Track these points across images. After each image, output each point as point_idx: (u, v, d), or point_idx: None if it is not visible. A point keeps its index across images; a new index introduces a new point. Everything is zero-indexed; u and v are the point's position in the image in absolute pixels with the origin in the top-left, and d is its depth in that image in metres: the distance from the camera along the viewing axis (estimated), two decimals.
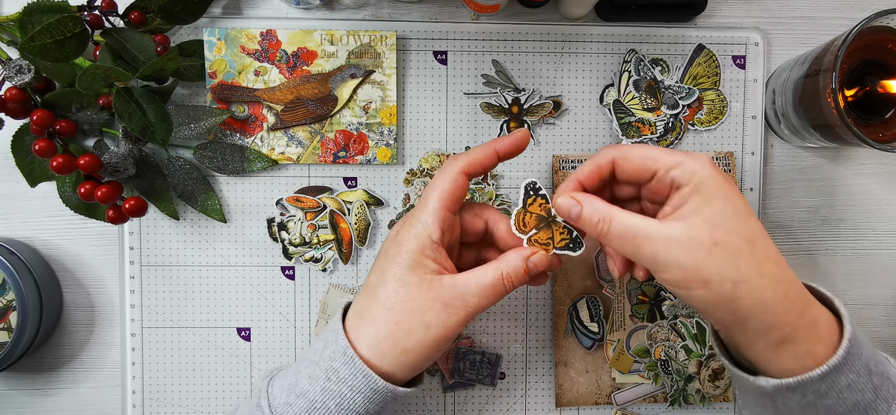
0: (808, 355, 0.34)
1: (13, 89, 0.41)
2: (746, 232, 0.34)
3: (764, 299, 0.33)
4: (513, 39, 0.50)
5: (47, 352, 0.50)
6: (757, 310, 0.34)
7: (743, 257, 0.33)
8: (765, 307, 0.33)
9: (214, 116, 0.47)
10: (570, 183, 0.39)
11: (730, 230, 0.33)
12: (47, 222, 0.50)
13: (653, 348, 0.50)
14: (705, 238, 0.33)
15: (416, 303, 0.36)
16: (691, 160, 0.35)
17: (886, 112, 0.44)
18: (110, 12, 0.44)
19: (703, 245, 0.33)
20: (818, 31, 0.51)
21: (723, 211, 0.34)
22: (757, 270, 0.33)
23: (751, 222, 0.34)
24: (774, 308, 0.33)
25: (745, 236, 0.34)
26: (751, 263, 0.33)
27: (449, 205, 0.38)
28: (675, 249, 0.33)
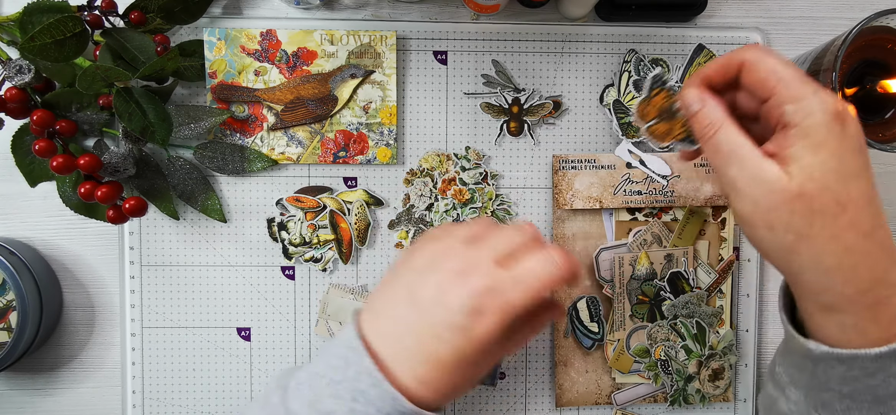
0: (855, 330, 0.32)
1: (13, 89, 0.41)
2: (841, 194, 0.31)
3: (823, 263, 0.32)
4: (513, 39, 0.50)
5: (47, 352, 0.51)
6: (812, 270, 0.33)
7: (822, 217, 0.31)
8: (822, 270, 0.32)
9: (214, 115, 0.47)
10: (698, 78, 0.37)
11: (823, 186, 0.31)
12: (47, 222, 0.50)
13: (653, 348, 0.50)
14: (793, 186, 0.32)
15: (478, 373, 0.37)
16: (814, 99, 0.31)
17: (886, 112, 0.44)
18: (110, 12, 0.44)
19: (786, 191, 0.32)
20: (818, 31, 0.51)
21: (824, 165, 0.31)
22: (830, 234, 0.32)
23: (852, 186, 0.32)
24: (832, 275, 0.32)
25: (837, 198, 0.31)
26: (827, 224, 0.32)
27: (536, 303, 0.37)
28: (758, 185, 0.32)
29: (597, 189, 0.49)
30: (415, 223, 0.50)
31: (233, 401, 0.50)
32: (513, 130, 0.50)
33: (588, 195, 0.49)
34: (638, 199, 0.49)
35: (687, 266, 0.49)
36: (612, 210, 0.50)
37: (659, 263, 0.49)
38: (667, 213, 0.50)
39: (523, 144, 0.50)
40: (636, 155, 0.49)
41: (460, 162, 0.50)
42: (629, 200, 0.49)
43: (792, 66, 0.33)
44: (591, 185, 0.49)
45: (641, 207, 0.49)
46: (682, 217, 0.50)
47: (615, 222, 0.50)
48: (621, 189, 0.49)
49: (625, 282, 0.49)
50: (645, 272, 0.49)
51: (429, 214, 0.49)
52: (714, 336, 0.50)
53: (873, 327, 0.32)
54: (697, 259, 0.50)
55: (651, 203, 0.49)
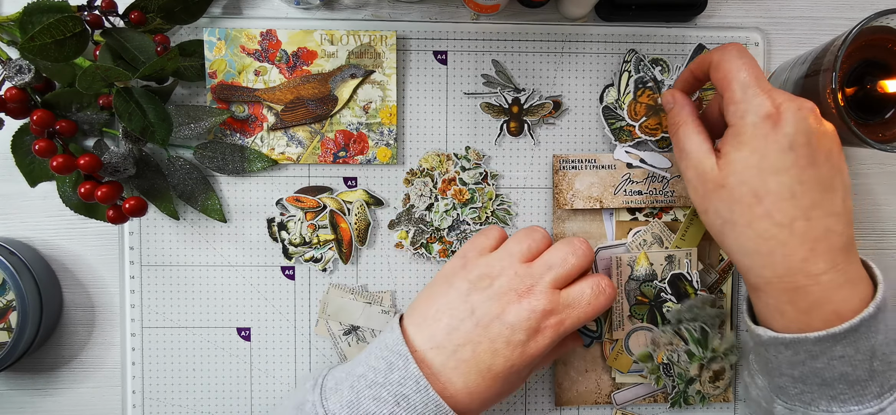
0: (776, 310, 0.37)
1: (13, 89, 0.41)
2: (758, 187, 0.35)
3: (743, 246, 0.37)
4: (513, 39, 0.50)
5: (47, 352, 0.50)
6: (737, 252, 0.38)
7: (740, 206, 0.36)
8: (743, 252, 0.37)
9: (214, 115, 0.47)
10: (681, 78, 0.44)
11: (741, 179, 0.36)
12: (47, 222, 0.50)
13: (656, 353, 0.50)
14: (719, 178, 0.37)
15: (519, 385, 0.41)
16: (752, 102, 0.36)
17: (886, 112, 0.44)
18: (110, 12, 0.44)
19: (714, 182, 0.37)
20: (818, 31, 0.51)
21: (745, 160, 0.36)
22: (746, 221, 0.36)
23: (772, 180, 0.35)
24: (751, 257, 0.37)
25: (753, 190, 0.35)
26: (744, 212, 0.36)
27: None
28: (698, 176, 0.38)
29: (597, 189, 0.49)
30: (415, 223, 0.50)
31: (233, 401, 0.50)
32: (513, 130, 0.50)
33: (588, 195, 0.49)
34: (638, 199, 0.49)
35: (690, 268, 0.49)
36: (613, 210, 0.50)
37: (659, 264, 0.49)
38: (667, 213, 0.50)
39: (523, 144, 0.50)
40: (635, 155, 0.49)
41: (460, 162, 0.50)
42: (630, 200, 0.49)
43: (748, 69, 0.36)
44: (591, 185, 0.49)
45: (642, 207, 0.49)
46: (686, 218, 0.50)
47: (615, 222, 0.50)
48: (622, 189, 0.49)
49: (623, 282, 0.49)
50: (644, 273, 0.49)
51: (429, 214, 0.49)
52: (717, 340, 0.49)
53: (790, 308, 0.36)
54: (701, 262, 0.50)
55: (651, 203, 0.49)
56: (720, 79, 0.38)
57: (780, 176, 0.35)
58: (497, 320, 0.38)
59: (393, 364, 0.38)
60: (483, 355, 0.38)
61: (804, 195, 0.35)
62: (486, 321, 0.39)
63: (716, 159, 0.38)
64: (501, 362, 0.38)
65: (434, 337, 0.39)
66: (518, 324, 0.38)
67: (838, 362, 0.35)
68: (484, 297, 0.39)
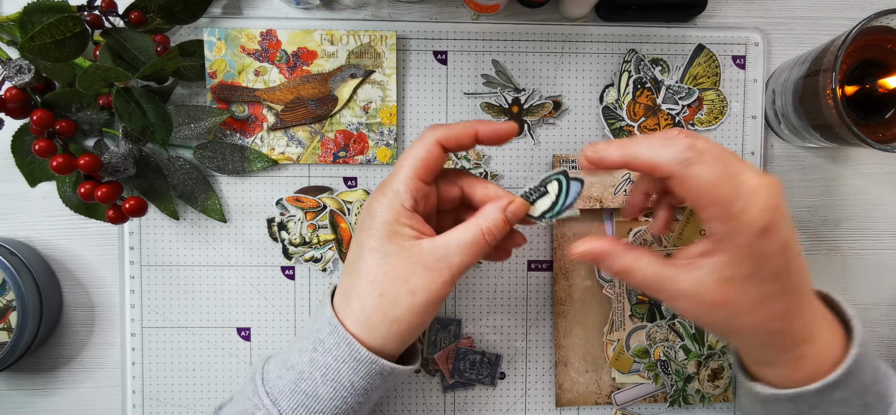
0: (784, 377, 0.37)
1: (13, 89, 0.41)
2: (760, 295, 0.34)
3: (752, 343, 0.37)
4: (513, 39, 0.50)
5: (47, 352, 0.50)
6: (743, 346, 0.38)
7: (745, 316, 0.35)
8: (751, 346, 0.37)
9: (214, 115, 0.47)
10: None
11: (743, 293, 0.34)
12: (47, 222, 0.50)
13: (652, 348, 0.50)
14: (716, 298, 0.34)
15: (398, 271, 0.36)
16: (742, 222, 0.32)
17: (886, 112, 0.44)
18: (110, 12, 0.44)
19: (709, 303, 0.34)
20: (818, 31, 0.51)
21: (749, 275, 0.33)
22: (753, 325, 0.35)
23: (771, 287, 0.34)
24: (759, 349, 0.37)
25: (756, 300, 0.34)
26: (750, 320, 0.35)
27: (422, 175, 0.37)
28: (681, 301, 0.35)
29: (597, 189, 0.49)
30: None
31: None
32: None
33: (588, 195, 0.49)
34: None
35: None
36: (613, 210, 0.50)
37: None
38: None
39: (523, 144, 0.50)
40: None
41: (460, 162, 0.50)
42: None
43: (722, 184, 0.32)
44: (591, 184, 0.49)
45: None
46: (683, 217, 0.50)
47: (615, 223, 0.50)
48: (622, 189, 0.49)
49: (625, 282, 0.49)
50: None
51: None
52: (713, 336, 0.50)
53: (798, 374, 0.36)
54: None
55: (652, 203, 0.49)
56: (694, 197, 0.33)
57: (779, 280, 0.34)
58: (359, 229, 0.39)
59: (316, 315, 0.39)
60: (346, 267, 0.39)
61: (794, 283, 0.35)
62: (355, 239, 0.39)
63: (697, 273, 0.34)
64: (354, 250, 0.38)
65: (340, 282, 0.39)
66: (360, 216, 0.40)
67: (837, 405, 0.35)
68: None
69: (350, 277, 0.38)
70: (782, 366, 0.37)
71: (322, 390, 0.36)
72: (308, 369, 0.36)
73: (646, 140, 0.34)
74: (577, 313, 0.50)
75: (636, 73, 0.49)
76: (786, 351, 0.36)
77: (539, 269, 0.51)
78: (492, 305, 0.51)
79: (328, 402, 0.36)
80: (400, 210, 0.37)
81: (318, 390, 0.36)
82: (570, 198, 0.38)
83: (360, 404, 0.37)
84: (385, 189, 0.38)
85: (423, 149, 0.37)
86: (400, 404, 0.51)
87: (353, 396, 0.36)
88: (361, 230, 0.38)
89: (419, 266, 0.36)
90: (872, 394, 0.36)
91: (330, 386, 0.36)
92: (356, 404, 0.37)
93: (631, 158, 0.34)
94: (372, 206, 0.38)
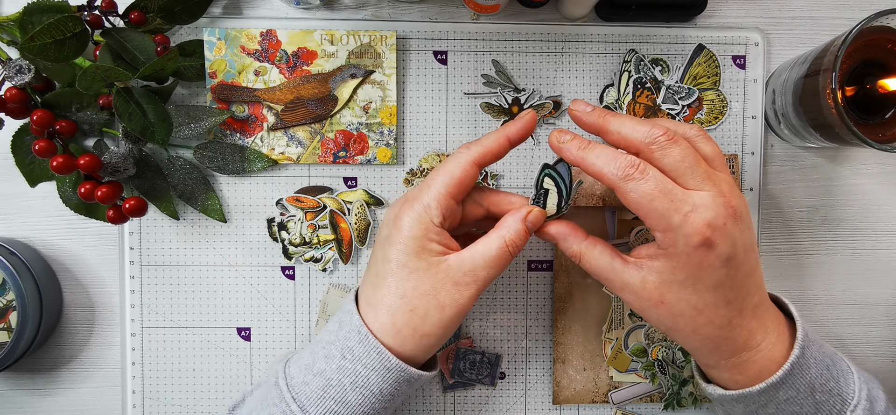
0: (729, 381, 0.39)
1: (13, 89, 0.41)
2: (697, 302, 0.36)
3: (693, 345, 0.38)
4: (513, 39, 0.50)
5: (47, 352, 0.50)
6: (686, 347, 0.39)
7: (682, 318, 0.37)
8: (692, 348, 0.39)
9: (214, 115, 0.47)
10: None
11: (679, 297, 0.36)
12: (47, 222, 0.50)
13: (650, 348, 0.50)
14: (654, 296, 0.37)
15: (427, 287, 0.37)
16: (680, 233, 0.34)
17: (886, 112, 0.44)
18: (110, 12, 0.44)
19: (650, 300, 0.37)
20: (818, 31, 0.51)
21: (683, 283, 0.36)
22: (692, 329, 0.37)
23: (709, 295, 0.36)
24: (699, 352, 0.39)
25: (694, 305, 0.36)
26: (688, 323, 0.37)
27: (454, 193, 0.38)
28: (625, 293, 0.38)
29: (600, 187, 0.49)
30: None
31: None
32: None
33: (590, 193, 0.49)
34: None
35: None
36: (615, 208, 0.50)
37: None
38: None
39: (523, 144, 0.50)
40: None
41: None
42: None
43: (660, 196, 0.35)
44: (593, 183, 0.49)
45: None
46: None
47: (618, 221, 0.50)
48: None
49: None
50: None
51: None
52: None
53: (742, 378, 0.38)
54: None
55: None
56: (633, 208, 0.36)
57: (716, 291, 0.36)
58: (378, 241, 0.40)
59: (342, 322, 0.39)
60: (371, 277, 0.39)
61: (736, 297, 0.36)
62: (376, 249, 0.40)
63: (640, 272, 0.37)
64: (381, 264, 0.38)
65: (364, 290, 0.40)
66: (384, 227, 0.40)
67: (785, 404, 0.37)
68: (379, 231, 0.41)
69: (377, 289, 0.38)
70: (726, 370, 0.38)
71: (351, 396, 0.37)
72: (337, 376, 0.37)
73: (599, 150, 0.37)
74: (576, 310, 0.50)
75: (636, 73, 0.49)
76: (726, 357, 0.38)
77: (539, 269, 0.51)
78: (492, 305, 0.51)
79: (357, 407, 0.37)
80: (429, 226, 0.38)
81: (346, 397, 0.37)
82: (570, 179, 0.40)
83: (385, 409, 0.38)
84: (414, 203, 0.38)
85: (459, 168, 0.38)
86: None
87: (380, 402, 0.37)
88: (389, 243, 0.38)
89: (448, 282, 0.37)
90: (823, 391, 0.37)
91: (359, 392, 0.37)
92: (382, 409, 0.38)
93: (583, 162, 0.37)
94: (400, 219, 0.38)
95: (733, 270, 0.35)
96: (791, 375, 0.37)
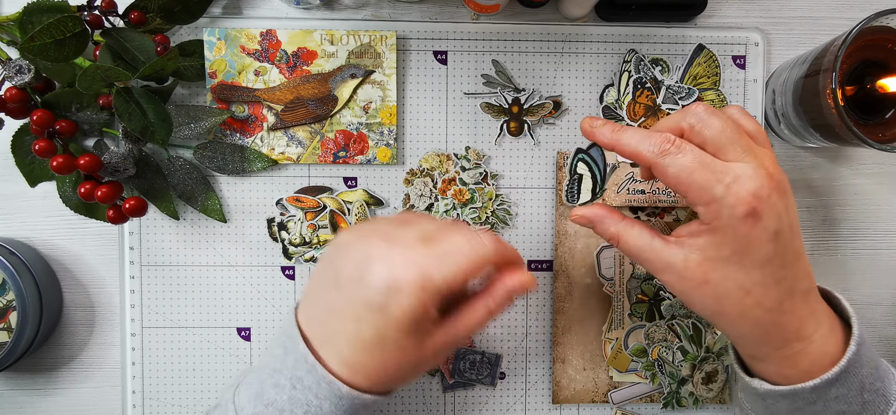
0: (778, 374, 0.37)
1: (13, 89, 0.41)
2: (744, 281, 0.35)
3: (740, 332, 0.37)
4: (513, 39, 0.50)
5: (47, 352, 0.50)
6: (731, 335, 0.38)
7: (728, 300, 0.35)
8: (739, 336, 0.37)
9: (214, 115, 0.47)
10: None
11: (725, 275, 0.35)
12: (47, 222, 0.50)
13: (650, 348, 0.50)
14: (698, 276, 0.35)
15: (409, 358, 0.35)
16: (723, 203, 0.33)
17: (886, 112, 0.44)
18: (110, 12, 0.44)
19: (693, 280, 0.35)
20: (818, 31, 0.51)
21: (729, 259, 0.34)
22: (739, 312, 0.35)
23: (756, 273, 0.34)
24: (746, 339, 0.37)
25: (740, 284, 0.35)
26: (735, 305, 0.35)
27: (467, 280, 0.35)
28: (668, 274, 0.36)
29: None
30: None
31: None
32: (513, 130, 0.50)
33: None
34: (641, 198, 0.49)
35: None
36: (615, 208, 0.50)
37: None
38: (669, 213, 0.50)
39: (523, 144, 0.50)
40: None
41: (460, 162, 0.50)
42: (632, 199, 0.49)
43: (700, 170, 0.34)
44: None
45: (644, 207, 0.49)
46: (684, 218, 0.50)
47: None
48: (625, 187, 0.49)
49: (625, 280, 0.50)
50: (645, 271, 0.49)
51: (429, 213, 0.49)
52: (711, 337, 0.50)
53: (792, 372, 0.36)
54: None
55: (654, 203, 0.49)
56: (672, 185, 0.35)
57: (765, 267, 0.34)
58: (355, 282, 0.34)
59: (288, 348, 0.36)
60: (348, 324, 0.35)
61: (786, 277, 0.35)
62: (346, 285, 0.35)
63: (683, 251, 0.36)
64: (367, 330, 0.34)
65: (310, 313, 0.37)
66: (375, 282, 0.34)
67: (834, 402, 0.36)
68: (346, 261, 0.36)
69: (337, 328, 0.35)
70: (775, 362, 0.37)
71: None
72: (289, 407, 0.35)
73: (632, 131, 0.37)
74: (576, 310, 0.50)
75: (636, 73, 0.49)
76: (777, 347, 0.36)
77: (539, 269, 0.51)
78: None
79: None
80: (431, 311, 0.34)
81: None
82: (603, 163, 0.41)
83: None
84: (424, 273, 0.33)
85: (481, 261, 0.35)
86: (400, 405, 0.51)
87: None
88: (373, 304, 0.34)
89: (430, 353, 0.35)
90: (871, 391, 0.36)
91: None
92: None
93: (617, 143, 0.37)
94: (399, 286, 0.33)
95: (782, 246, 0.34)
96: (846, 372, 0.35)
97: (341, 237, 0.38)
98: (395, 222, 0.38)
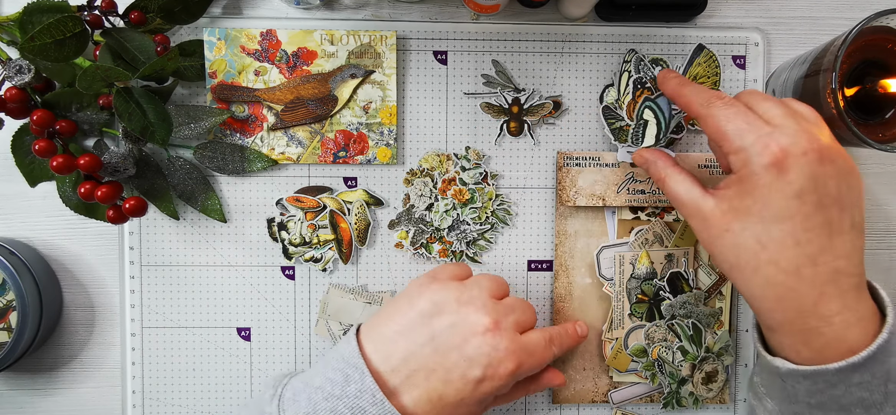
0: (791, 349, 0.36)
1: (13, 89, 0.41)
2: (761, 234, 0.35)
3: (751, 291, 0.37)
4: (513, 39, 0.50)
5: (47, 352, 0.50)
6: (746, 295, 0.38)
7: (745, 252, 0.36)
8: (751, 296, 0.37)
9: (214, 115, 0.47)
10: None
11: (744, 226, 0.35)
12: (47, 222, 0.50)
13: (650, 348, 0.50)
14: (722, 224, 0.36)
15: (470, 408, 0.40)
16: (751, 150, 0.35)
17: (886, 112, 0.44)
18: (110, 12, 0.44)
19: (717, 228, 0.37)
20: (818, 31, 0.51)
21: (749, 207, 0.35)
22: (754, 267, 0.35)
23: (775, 228, 0.34)
24: (760, 302, 0.37)
25: (758, 238, 0.35)
26: (751, 259, 0.35)
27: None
28: (697, 222, 0.38)
29: (600, 187, 0.49)
30: (415, 223, 0.50)
31: (233, 401, 0.50)
32: (513, 130, 0.50)
33: (591, 192, 0.49)
34: (641, 198, 0.49)
35: (687, 267, 0.49)
36: (615, 208, 0.50)
37: (659, 262, 0.49)
38: (669, 213, 0.50)
39: (523, 144, 0.50)
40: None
41: (460, 162, 0.50)
42: (632, 199, 0.49)
43: (738, 117, 0.36)
44: (594, 182, 0.49)
45: (644, 207, 0.50)
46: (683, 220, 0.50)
47: (617, 221, 0.50)
48: (625, 187, 0.49)
49: (625, 280, 0.50)
50: (645, 271, 0.49)
51: (429, 214, 0.49)
52: (711, 338, 0.50)
53: (805, 349, 0.36)
54: (698, 260, 0.50)
55: (654, 202, 0.49)
56: (712, 133, 0.37)
57: (783, 224, 0.34)
58: (456, 350, 0.38)
59: (349, 377, 0.37)
60: (435, 383, 0.38)
61: (810, 242, 0.34)
62: (445, 350, 0.38)
63: (714, 200, 0.37)
64: (452, 393, 0.38)
65: (389, 359, 0.39)
66: (477, 359, 0.38)
67: (856, 388, 0.35)
68: (447, 323, 0.39)
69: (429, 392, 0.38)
70: (788, 335, 0.36)
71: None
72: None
73: (696, 86, 0.41)
74: (575, 310, 0.50)
75: (636, 73, 0.49)
76: (790, 318, 0.35)
77: (539, 268, 0.51)
78: None
79: None
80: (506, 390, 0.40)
81: None
82: (669, 113, 0.46)
83: None
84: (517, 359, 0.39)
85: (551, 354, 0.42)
86: None
87: None
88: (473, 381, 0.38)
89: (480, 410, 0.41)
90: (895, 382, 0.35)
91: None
92: None
93: (678, 91, 0.41)
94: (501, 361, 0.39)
95: (808, 207, 0.34)
96: (873, 359, 0.34)
97: (436, 292, 0.41)
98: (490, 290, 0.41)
